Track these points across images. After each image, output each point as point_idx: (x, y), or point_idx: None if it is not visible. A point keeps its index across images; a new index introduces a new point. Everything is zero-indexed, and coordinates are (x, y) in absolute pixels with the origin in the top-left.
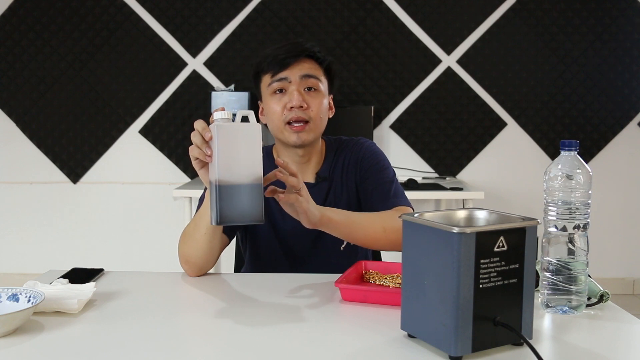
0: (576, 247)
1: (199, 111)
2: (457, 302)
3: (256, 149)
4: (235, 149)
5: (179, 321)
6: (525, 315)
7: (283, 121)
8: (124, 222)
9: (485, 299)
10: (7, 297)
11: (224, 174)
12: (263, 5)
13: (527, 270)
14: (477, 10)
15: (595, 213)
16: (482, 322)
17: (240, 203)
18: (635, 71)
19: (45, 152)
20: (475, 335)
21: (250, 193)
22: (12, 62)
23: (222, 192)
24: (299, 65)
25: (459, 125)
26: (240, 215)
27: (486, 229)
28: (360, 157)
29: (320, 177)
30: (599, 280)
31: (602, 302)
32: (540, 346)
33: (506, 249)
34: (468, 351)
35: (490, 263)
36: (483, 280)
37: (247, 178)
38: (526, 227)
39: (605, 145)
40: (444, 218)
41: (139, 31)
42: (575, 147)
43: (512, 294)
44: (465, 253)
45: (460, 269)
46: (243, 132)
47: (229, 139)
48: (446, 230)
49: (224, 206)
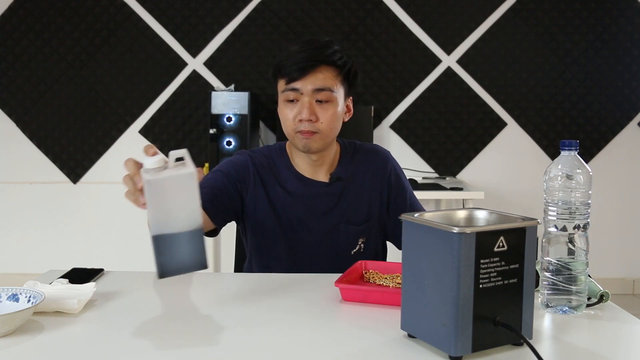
0: (576, 247)
1: (199, 111)
2: (457, 302)
3: (191, 195)
4: (169, 201)
5: (179, 321)
6: (526, 315)
7: (294, 130)
8: (124, 222)
9: (486, 299)
10: (7, 297)
11: (160, 227)
12: (263, 5)
13: (527, 270)
14: (477, 10)
15: (595, 213)
16: (482, 322)
17: (181, 254)
18: (635, 71)
19: (45, 152)
20: (475, 335)
21: (191, 241)
22: (12, 62)
23: (160, 244)
24: (314, 76)
25: (459, 125)
26: (183, 266)
27: (486, 229)
28: (388, 173)
29: (334, 178)
30: (599, 280)
31: (602, 302)
32: (540, 346)
33: (506, 249)
34: (468, 351)
35: (490, 263)
36: (483, 280)
37: (185, 226)
38: (526, 227)
39: (605, 145)
40: (444, 218)
41: (139, 31)
42: (575, 147)
43: (512, 294)
44: (465, 253)
45: (461, 269)
46: (175, 182)
47: (161, 192)
48: (446, 230)
49: (164, 261)
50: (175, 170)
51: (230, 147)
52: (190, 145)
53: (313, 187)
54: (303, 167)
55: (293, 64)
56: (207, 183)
